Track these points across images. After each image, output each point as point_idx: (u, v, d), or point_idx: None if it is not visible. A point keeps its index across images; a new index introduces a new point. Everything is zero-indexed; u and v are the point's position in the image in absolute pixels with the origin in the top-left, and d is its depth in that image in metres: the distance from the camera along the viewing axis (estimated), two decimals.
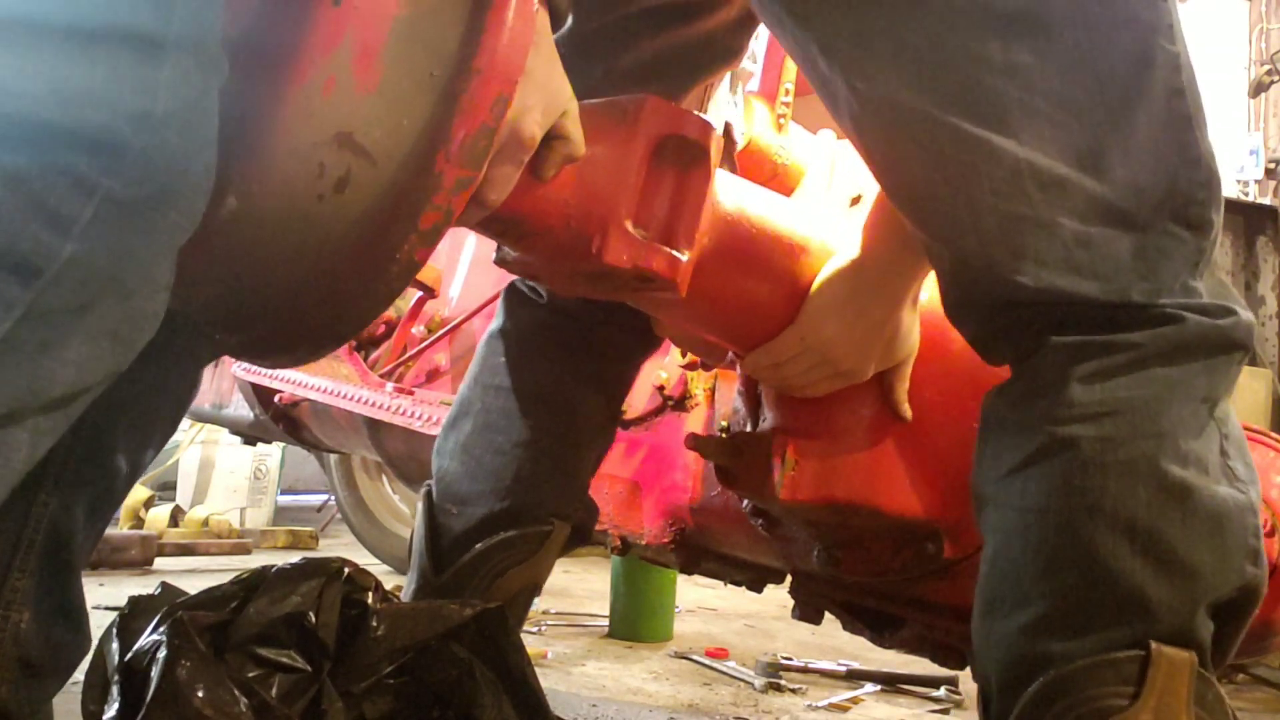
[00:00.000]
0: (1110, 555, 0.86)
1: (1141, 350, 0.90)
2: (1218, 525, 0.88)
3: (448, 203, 0.77)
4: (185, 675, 0.90)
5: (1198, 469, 0.89)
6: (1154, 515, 0.87)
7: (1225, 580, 0.88)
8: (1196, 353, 0.91)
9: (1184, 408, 0.90)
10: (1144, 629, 0.86)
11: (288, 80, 0.72)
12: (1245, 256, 4.44)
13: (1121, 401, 0.89)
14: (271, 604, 0.97)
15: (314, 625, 0.97)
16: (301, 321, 0.80)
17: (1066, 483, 0.88)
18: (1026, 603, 0.89)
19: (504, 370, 1.39)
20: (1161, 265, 0.91)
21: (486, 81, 0.76)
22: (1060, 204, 0.89)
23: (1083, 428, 0.89)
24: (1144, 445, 0.88)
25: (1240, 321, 0.93)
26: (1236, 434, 0.95)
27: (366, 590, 1.01)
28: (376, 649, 0.99)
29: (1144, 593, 0.86)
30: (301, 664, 0.96)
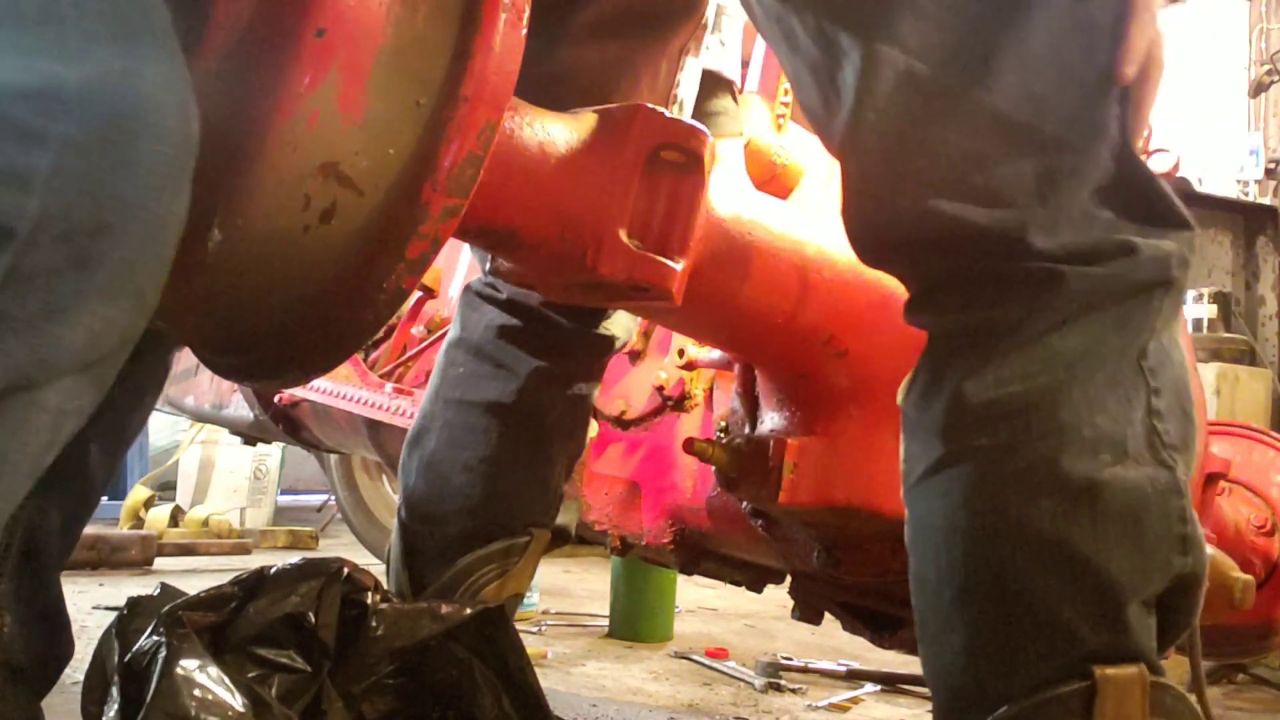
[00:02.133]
0: (1021, 577, 0.79)
1: (1030, 327, 0.81)
2: (1134, 521, 0.80)
3: (435, 231, 0.77)
4: (185, 675, 0.90)
5: (1111, 452, 0.81)
6: (1060, 526, 0.79)
7: (1149, 580, 0.81)
8: (1088, 313, 0.82)
9: (1091, 379, 0.81)
10: (1073, 654, 0.79)
11: (273, 112, 0.72)
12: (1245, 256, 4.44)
13: (1015, 399, 0.81)
14: (271, 604, 0.98)
15: (314, 625, 0.97)
16: (290, 348, 0.81)
17: (967, 500, 0.81)
18: (950, 630, 0.82)
19: (464, 382, 1.36)
20: (1065, 189, 0.82)
21: (473, 109, 0.76)
22: (947, 117, 0.81)
23: (976, 436, 0.81)
24: (1042, 447, 0.80)
25: (1142, 259, 0.82)
26: (1172, 379, 0.85)
27: (366, 590, 1.01)
28: (376, 649, 0.99)
29: (1063, 615, 0.79)
30: (301, 664, 0.96)
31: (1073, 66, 0.82)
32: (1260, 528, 1.77)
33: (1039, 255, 0.81)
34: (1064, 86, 0.82)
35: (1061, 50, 0.82)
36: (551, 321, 1.35)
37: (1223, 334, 3.80)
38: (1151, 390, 0.83)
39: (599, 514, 1.73)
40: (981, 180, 0.81)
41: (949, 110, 0.81)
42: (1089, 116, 0.83)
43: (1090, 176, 0.82)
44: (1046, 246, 0.81)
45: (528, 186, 0.94)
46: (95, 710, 1.01)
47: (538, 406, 1.35)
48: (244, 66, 0.74)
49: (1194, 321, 3.73)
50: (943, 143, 0.81)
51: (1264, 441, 1.90)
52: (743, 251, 1.10)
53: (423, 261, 0.77)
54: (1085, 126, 0.83)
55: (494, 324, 1.36)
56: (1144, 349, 0.83)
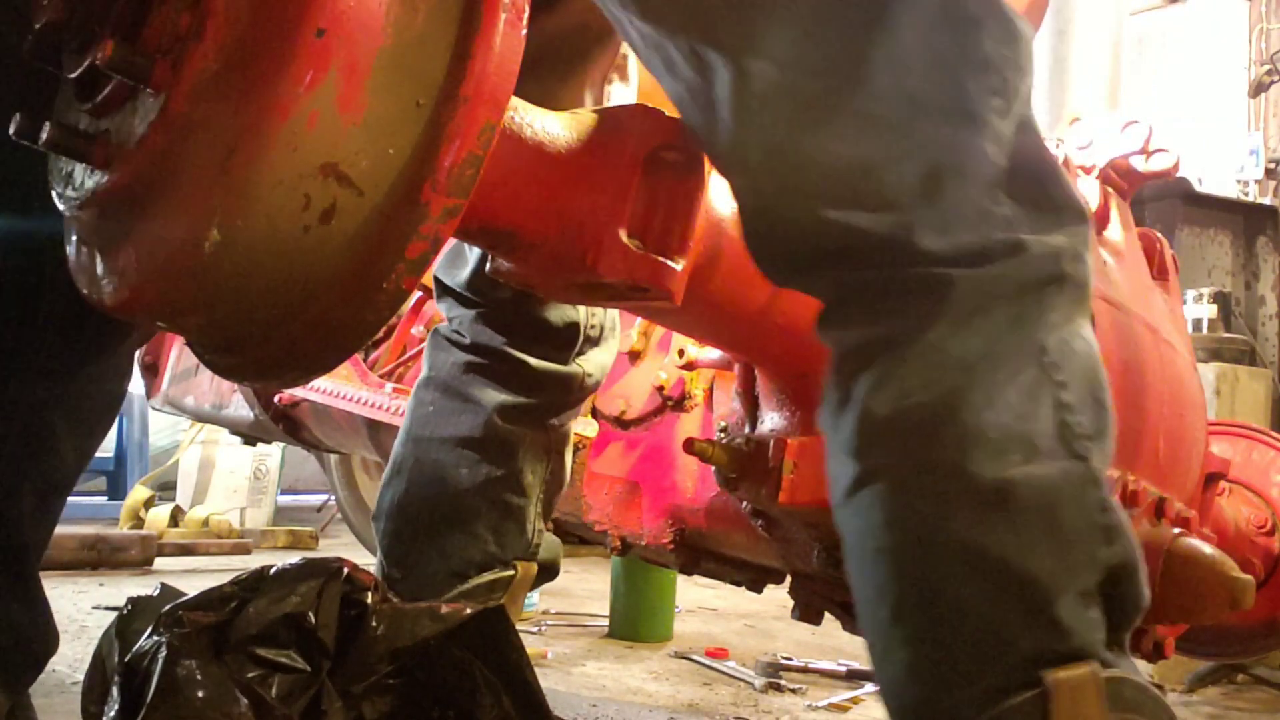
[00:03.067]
0: (949, 589, 0.78)
1: (925, 335, 0.80)
2: (1052, 518, 0.79)
3: (434, 231, 0.77)
4: (185, 675, 0.90)
5: (1020, 451, 0.79)
6: (978, 532, 0.78)
7: (1075, 575, 0.79)
8: (981, 313, 0.80)
9: (992, 380, 0.80)
10: (1013, 660, 0.77)
11: (272, 112, 0.72)
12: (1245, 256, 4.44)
13: (917, 410, 0.79)
14: (270, 604, 0.98)
15: (313, 625, 0.97)
16: (290, 348, 0.81)
17: (886, 518, 0.80)
18: (893, 649, 0.81)
19: (433, 419, 1.35)
20: (950, 187, 0.80)
21: (473, 109, 0.76)
22: (825, 125, 0.79)
23: (885, 453, 0.81)
24: (946, 455, 0.79)
25: (1031, 256, 0.81)
26: (1081, 371, 0.83)
27: (366, 590, 1.01)
28: (376, 648, 0.99)
29: (994, 622, 0.77)
30: (301, 664, 0.96)
31: (945, 61, 0.81)
32: (1260, 528, 1.77)
33: (928, 259, 0.80)
34: (938, 83, 0.81)
35: (932, 45, 0.81)
36: (517, 360, 1.34)
37: (1223, 334, 3.80)
38: (1057, 384, 0.81)
39: (599, 514, 1.73)
40: (867, 186, 0.80)
41: (826, 118, 0.80)
42: (967, 110, 0.81)
43: (976, 171, 0.81)
44: (935, 248, 0.80)
45: (528, 186, 0.93)
46: (95, 710, 1.01)
47: (508, 439, 1.34)
48: (244, 66, 0.74)
49: (1194, 321, 3.73)
50: (824, 152, 0.80)
51: (1264, 441, 1.90)
52: (743, 251, 1.10)
53: (423, 261, 0.77)
54: (964, 121, 0.81)
55: (460, 362, 1.36)
56: (1043, 345, 0.82)
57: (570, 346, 1.38)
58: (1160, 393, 1.44)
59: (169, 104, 0.75)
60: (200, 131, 0.74)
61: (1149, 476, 1.40)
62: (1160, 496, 1.40)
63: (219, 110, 0.74)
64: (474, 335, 1.35)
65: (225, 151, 0.73)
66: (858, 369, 0.82)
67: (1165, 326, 1.53)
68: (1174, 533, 1.38)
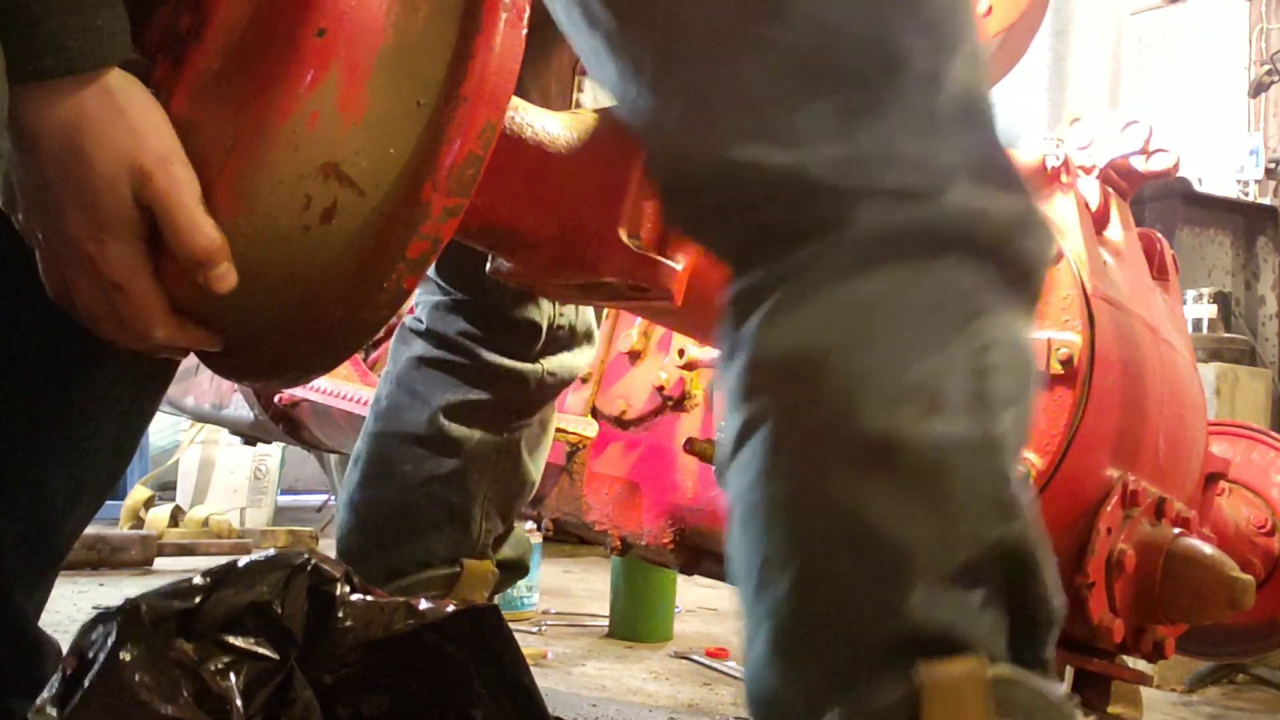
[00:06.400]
0: (817, 559, 0.69)
1: (820, 269, 0.72)
2: (936, 482, 0.68)
3: (435, 231, 0.77)
4: (128, 661, 0.89)
5: (916, 408, 0.69)
6: (853, 491, 0.68)
7: (952, 551, 0.67)
8: (894, 258, 0.72)
9: (898, 332, 0.71)
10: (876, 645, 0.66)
11: (273, 112, 0.72)
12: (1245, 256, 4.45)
13: (806, 350, 0.71)
14: (236, 594, 0.97)
15: (279, 615, 0.97)
16: (290, 348, 0.81)
17: (763, 472, 0.71)
18: (757, 626, 0.72)
19: (384, 414, 1.35)
20: (866, 127, 0.73)
21: (474, 109, 0.76)
22: (738, 58, 0.75)
23: (768, 398, 0.72)
24: (831, 404, 0.69)
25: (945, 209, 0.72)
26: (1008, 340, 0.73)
27: (334, 582, 1.01)
28: (345, 639, 0.99)
29: (857, 598, 0.67)
30: (269, 652, 0.96)
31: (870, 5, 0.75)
32: (1260, 528, 1.77)
33: (835, 196, 0.72)
34: (858, 17, 0.75)
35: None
36: (471, 353, 1.33)
37: (1223, 334, 3.80)
38: (979, 346, 0.72)
39: (599, 514, 1.73)
40: (775, 121, 0.73)
41: (739, 50, 0.74)
42: (887, 50, 0.75)
43: (895, 115, 0.74)
44: (840, 184, 0.72)
45: (528, 186, 0.94)
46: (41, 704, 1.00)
47: (453, 438, 1.32)
48: (244, 66, 0.74)
49: (1194, 321, 3.73)
50: (737, 86, 0.74)
51: (1264, 441, 1.90)
52: None
53: (423, 261, 0.77)
54: (884, 60, 0.74)
55: (415, 354, 1.35)
56: (970, 308, 0.73)
57: (531, 344, 1.36)
58: (1160, 393, 1.44)
59: (169, 103, 0.75)
60: (200, 131, 0.74)
61: (1149, 476, 1.40)
62: (1160, 496, 1.40)
63: (219, 110, 0.74)
64: (431, 322, 1.34)
65: (225, 151, 0.73)
66: (750, 308, 0.74)
67: (1165, 326, 1.53)
68: (1174, 533, 1.38)
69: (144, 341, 0.78)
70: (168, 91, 0.75)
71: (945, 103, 0.75)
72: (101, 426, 1.09)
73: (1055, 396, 1.32)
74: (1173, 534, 1.38)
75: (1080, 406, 1.31)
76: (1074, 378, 1.31)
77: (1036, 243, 0.76)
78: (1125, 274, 1.49)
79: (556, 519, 1.78)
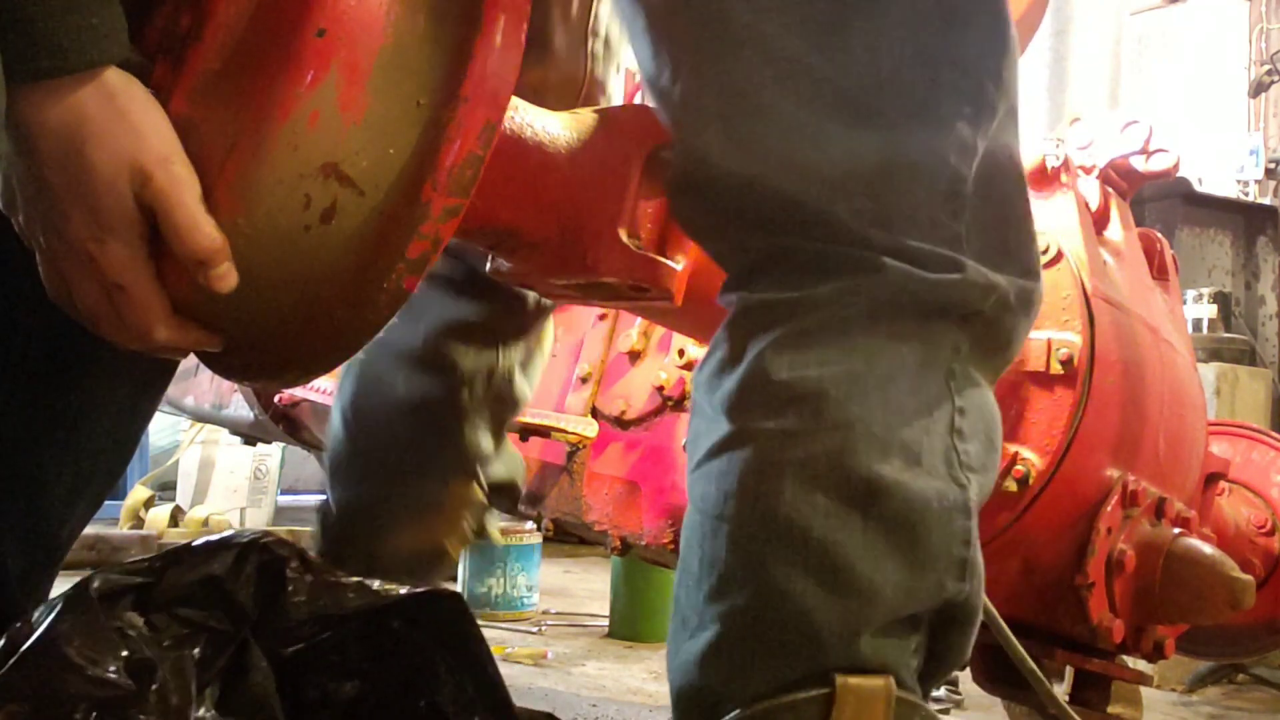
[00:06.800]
0: (781, 575, 0.73)
1: (838, 311, 0.76)
2: (910, 533, 0.75)
3: (435, 231, 0.77)
4: (66, 628, 0.90)
5: (901, 458, 0.75)
6: (830, 526, 0.73)
7: (913, 599, 0.75)
8: (902, 315, 0.77)
9: (892, 381, 0.76)
10: (815, 660, 0.73)
11: (273, 112, 0.72)
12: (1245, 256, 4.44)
13: (809, 383, 0.75)
14: (188, 570, 0.99)
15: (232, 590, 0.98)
16: (290, 348, 0.81)
17: (743, 486, 0.76)
18: (702, 626, 0.76)
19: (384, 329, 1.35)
20: (902, 185, 0.76)
21: (474, 109, 0.76)
22: (787, 82, 0.76)
23: (763, 418, 0.76)
24: (827, 439, 0.74)
25: (965, 279, 0.77)
26: (980, 405, 0.80)
27: (285, 560, 1.02)
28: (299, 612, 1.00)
29: (811, 618, 0.73)
30: (225, 625, 0.98)
31: (925, 54, 0.78)
32: (1260, 528, 1.77)
33: (863, 242, 0.76)
34: (910, 71, 0.77)
35: (916, 35, 0.77)
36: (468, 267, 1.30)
37: (1223, 334, 3.80)
38: (957, 409, 0.78)
39: (599, 514, 1.73)
40: (815, 156, 0.76)
41: (790, 75, 0.76)
42: (937, 113, 0.78)
43: (932, 179, 0.77)
44: (873, 236, 0.76)
45: (528, 186, 0.94)
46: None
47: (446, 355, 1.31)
48: (244, 66, 0.74)
49: (1194, 321, 3.72)
50: (780, 110, 0.76)
51: (1264, 441, 1.90)
52: None
53: (423, 261, 0.77)
54: (932, 123, 0.77)
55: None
56: (951, 370, 0.78)
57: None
58: (1160, 393, 1.44)
59: (169, 104, 0.75)
60: (200, 131, 0.74)
61: (1149, 476, 1.40)
62: (1160, 496, 1.40)
63: (219, 110, 0.74)
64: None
65: (225, 151, 0.73)
66: (758, 328, 0.77)
67: (1165, 326, 1.53)
68: (1174, 533, 1.38)
69: (145, 342, 0.78)
70: (168, 92, 0.75)
71: (976, 174, 0.78)
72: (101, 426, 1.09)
73: (1055, 396, 1.32)
74: (1173, 534, 1.38)
75: (1080, 406, 1.31)
76: (1074, 378, 1.31)
77: (1022, 320, 0.82)
78: (1125, 274, 1.49)
79: (556, 519, 1.78)
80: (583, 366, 1.77)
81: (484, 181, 0.79)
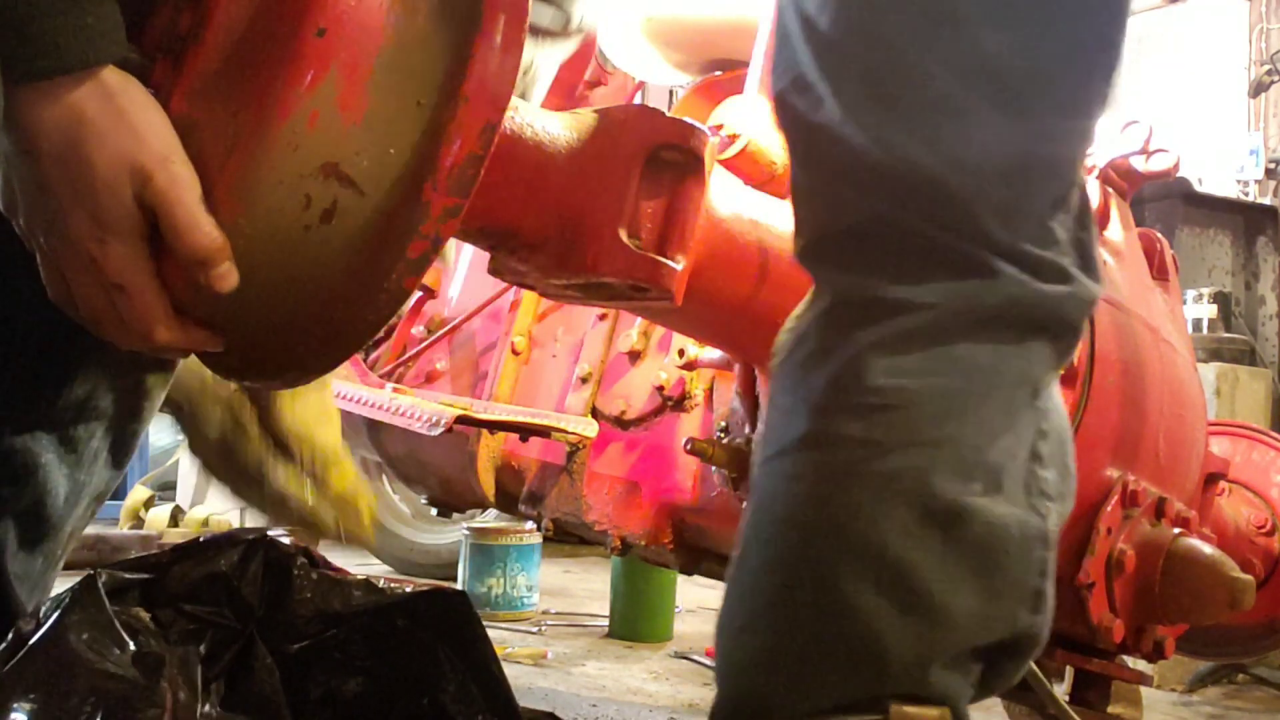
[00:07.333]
0: (850, 589, 0.70)
1: (938, 315, 0.72)
2: (989, 561, 0.72)
3: (435, 231, 0.77)
4: (75, 620, 0.90)
5: (986, 484, 0.72)
6: (908, 545, 0.70)
7: (988, 629, 0.72)
8: (1009, 326, 0.74)
9: (987, 399, 0.73)
10: (877, 684, 0.70)
11: (273, 112, 0.72)
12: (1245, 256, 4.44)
13: (905, 394, 0.72)
14: (195, 566, 0.99)
15: (238, 586, 0.99)
16: (290, 348, 0.81)
17: (817, 491, 0.73)
18: (755, 629, 0.74)
19: None
20: (1033, 184, 0.74)
21: (474, 109, 0.76)
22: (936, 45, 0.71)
23: (850, 422, 0.72)
24: (916, 455, 0.71)
25: (1074, 294, 0.75)
26: (1058, 428, 0.78)
27: (291, 557, 1.02)
28: (304, 610, 1.00)
29: (881, 640, 0.70)
30: (231, 620, 0.98)
31: (1084, 52, 0.75)
32: (1260, 528, 1.77)
33: (981, 238, 0.72)
34: (1066, 71, 0.74)
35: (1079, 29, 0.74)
36: None
37: (1223, 334, 3.80)
38: (1039, 433, 0.76)
39: (599, 514, 1.73)
40: (952, 131, 0.71)
41: (941, 36, 0.71)
42: (1077, 112, 0.75)
43: (1060, 180, 0.75)
44: (992, 232, 0.72)
45: (528, 186, 0.94)
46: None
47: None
48: (244, 66, 0.74)
49: (1194, 321, 3.73)
50: (926, 73, 0.71)
51: (1264, 441, 1.90)
52: (743, 251, 1.10)
53: (423, 261, 0.77)
54: (1072, 121, 0.76)
55: None
56: (1037, 389, 0.76)
57: None
58: (1160, 393, 1.44)
59: (169, 104, 0.75)
60: (200, 131, 0.74)
61: (1149, 476, 1.40)
62: (1160, 496, 1.40)
63: (219, 110, 0.74)
64: None
65: (226, 151, 0.73)
66: (856, 323, 0.74)
67: (1165, 326, 1.53)
68: (1174, 533, 1.38)
69: (146, 342, 0.78)
70: (168, 92, 0.75)
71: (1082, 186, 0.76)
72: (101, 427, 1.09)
73: None
74: (1173, 534, 1.38)
75: (1080, 406, 1.31)
76: (1074, 378, 1.31)
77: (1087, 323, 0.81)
78: (1125, 274, 1.49)
79: (556, 519, 1.78)
80: (583, 366, 1.77)
81: (484, 181, 0.79)
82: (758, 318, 1.14)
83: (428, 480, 2.04)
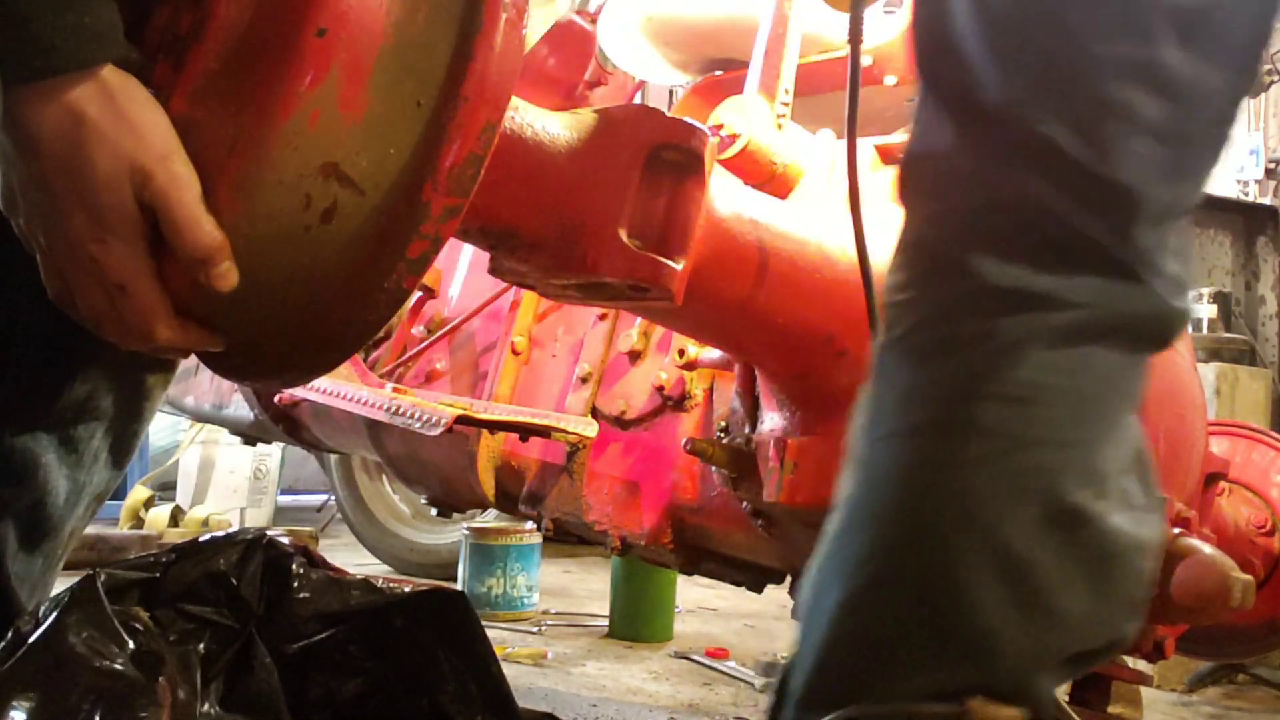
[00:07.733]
0: (969, 579, 0.70)
1: (1089, 316, 0.72)
2: (1103, 568, 0.72)
3: (435, 231, 0.77)
4: (74, 620, 0.91)
5: (1103, 491, 0.72)
6: (1032, 543, 0.70)
7: (1095, 634, 0.73)
8: (1137, 336, 0.74)
9: (1113, 411, 0.74)
10: (981, 676, 0.69)
11: (273, 112, 0.72)
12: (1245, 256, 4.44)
13: (1049, 391, 0.71)
14: (194, 566, 0.99)
15: (237, 585, 0.99)
16: (291, 348, 0.81)
17: (943, 476, 0.72)
18: (855, 607, 0.73)
19: None
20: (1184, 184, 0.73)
21: (474, 109, 0.76)
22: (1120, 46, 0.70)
23: (987, 412, 0.71)
24: (1050, 454, 0.71)
25: (1184, 313, 0.76)
26: (1145, 445, 0.78)
27: (290, 557, 1.02)
28: (304, 610, 1.00)
29: (995, 635, 0.69)
30: (229, 620, 0.98)
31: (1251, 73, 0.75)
32: (1260, 528, 1.77)
33: (1134, 244, 0.71)
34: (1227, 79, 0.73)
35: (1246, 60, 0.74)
36: None
37: (1223, 334, 3.80)
38: (1139, 446, 0.77)
39: (599, 514, 1.73)
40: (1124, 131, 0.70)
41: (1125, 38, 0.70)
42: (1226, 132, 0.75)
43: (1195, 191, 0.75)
44: (1143, 239, 0.71)
45: (528, 186, 0.94)
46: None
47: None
48: (245, 66, 0.74)
49: (1194, 321, 3.73)
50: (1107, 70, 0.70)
51: (1264, 441, 1.90)
52: (743, 251, 1.10)
53: (424, 261, 0.77)
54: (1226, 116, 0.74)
55: None
56: (1136, 401, 0.77)
57: None
58: (1160, 393, 1.44)
59: (169, 104, 0.75)
60: (201, 131, 0.74)
61: None
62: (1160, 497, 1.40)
63: (220, 110, 0.74)
64: None
65: (226, 151, 0.73)
66: (1003, 311, 0.71)
67: None
68: (1174, 533, 1.38)
69: (146, 342, 0.78)
70: (168, 92, 0.75)
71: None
72: (101, 427, 1.09)
73: None
74: (1173, 534, 1.38)
75: None
76: None
77: None
78: None
79: (556, 519, 1.78)
80: (583, 366, 1.77)
81: (484, 181, 0.79)
82: (758, 318, 1.14)
83: (428, 480, 2.04)
